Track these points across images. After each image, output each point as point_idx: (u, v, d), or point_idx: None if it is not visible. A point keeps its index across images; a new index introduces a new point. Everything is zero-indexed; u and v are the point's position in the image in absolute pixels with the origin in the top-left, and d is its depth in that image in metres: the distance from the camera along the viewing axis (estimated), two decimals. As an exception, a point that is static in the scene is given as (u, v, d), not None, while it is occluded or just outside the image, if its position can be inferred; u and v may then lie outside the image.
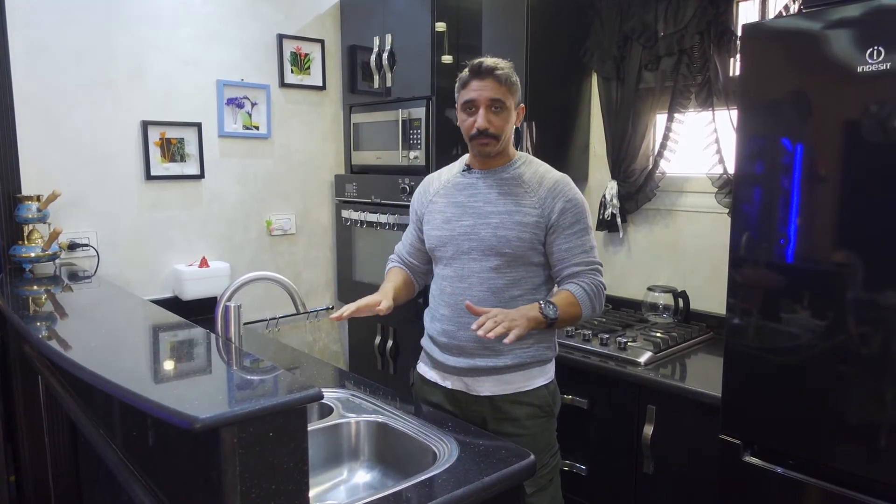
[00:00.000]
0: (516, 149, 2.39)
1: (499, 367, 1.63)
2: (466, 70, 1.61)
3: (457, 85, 1.65)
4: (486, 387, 1.65)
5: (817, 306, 1.51)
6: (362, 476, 1.58)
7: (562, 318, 1.57)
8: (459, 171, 1.74)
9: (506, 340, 1.43)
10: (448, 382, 1.71)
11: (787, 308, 1.56)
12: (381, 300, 1.64)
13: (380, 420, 1.60)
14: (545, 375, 1.69)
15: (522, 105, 1.69)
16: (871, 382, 1.43)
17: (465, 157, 1.76)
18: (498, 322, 1.44)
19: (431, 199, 1.75)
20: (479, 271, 1.63)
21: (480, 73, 1.58)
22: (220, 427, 0.93)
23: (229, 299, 1.48)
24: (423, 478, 1.28)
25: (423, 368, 1.79)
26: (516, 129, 2.42)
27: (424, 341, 1.78)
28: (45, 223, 2.28)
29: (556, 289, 1.69)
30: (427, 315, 1.78)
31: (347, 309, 1.59)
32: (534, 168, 1.68)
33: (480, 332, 1.43)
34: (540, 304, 1.55)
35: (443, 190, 1.73)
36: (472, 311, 1.51)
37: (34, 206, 2.23)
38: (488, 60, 1.59)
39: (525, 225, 1.61)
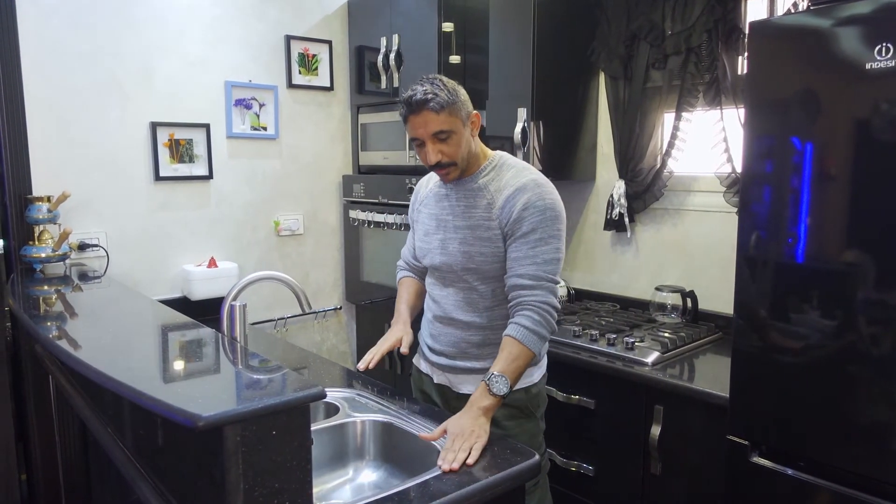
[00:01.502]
0: (522, 147, 2.42)
1: (477, 368, 1.65)
2: (402, 104, 1.54)
3: (401, 118, 1.60)
4: (465, 385, 1.68)
5: (827, 306, 1.49)
6: (368, 475, 1.58)
7: (514, 380, 1.49)
8: (439, 179, 1.69)
9: (469, 462, 1.33)
10: (435, 376, 1.76)
11: (796, 308, 1.55)
12: (402, 336, 1.68)
13: (385, 419, 1.60)
14: (525, 378, 1.62)
15: (475, 112, 1.60)
16: (882, 383, 1.41)
17: None
18: (457, 450, 1.34)
19: (418, 207, 1.78)
20: (455, 282, 1.67)
21: (413, 108, 1.51)
22: (222, 425, 0.93)
23: (235, 298, 1.49)
24: (427, 477, 1.28)
25: (418, 360, 1.85)
26: (523, 129, 2.44)
27: (420, 334, 1.82)
28: (55, 224, 2.30)
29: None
30: (424, 312, 1.83)
31: (374, 359, 1.63)
32: (502, 174, 1.61)
33: (445, 467, 1.31)
34: (487, 386, 1.45)
35: (426, 200, 1.75)
36: (426, 439, 1.45)
37: (44, 206, 2.25)
38: (419, 92, 1.50)
39: (485, 240, 1.58)
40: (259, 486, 0.97)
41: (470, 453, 1.34)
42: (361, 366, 1.61)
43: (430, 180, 1.78)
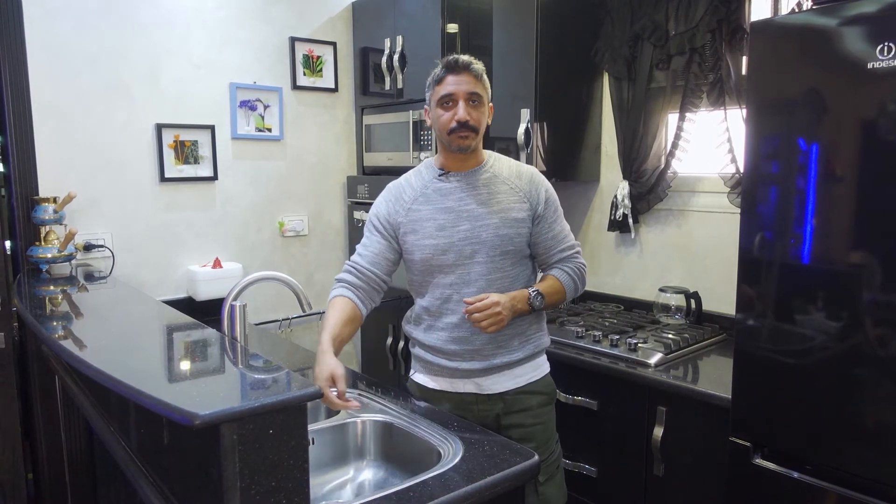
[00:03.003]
0: (525, 148, 2.43)
1: (513, 361, 1.66)
2: (440, 67, 1.61)
3: (429, 82, 1.63)
4: (499, 384, 1.67)
5: (831, 307, 1.48)
6: (368, 475, 1.59)
7: (546, 307, 1.67)
8: (434, 176, 1.68)
9: (483, 324, 1.54)
10: (459, 387, 1.68)
11: (800, 309, 1.54)
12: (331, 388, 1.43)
13: (386, 420, 1.61)
14: (546, 363, 1.77)
15: (491, 104, 1.70)
16: (888, 385, 1.40)
17: (431, 162, 1.71)
18: (485, 312, 1.53)
19: (409, 206, 1.66)
20: (485, 273, 1.62)
21: (457, 67, 1.59)
22: (219, 424, 0.94)
23: (235, 299, 1.50)
24: (426, 477, 1.29)
25: (423, 379, 1.74)
26: (526, 130, 2.44)
27: (421, 353, 1.72)
28: (61, 224, 2.32)
29: (540, 273, 1.76)
30: (418, 327, 1.72)
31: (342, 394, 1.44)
32: (506, 164, 1.71)
33: (470, 307, 1.54)
34: (530, 294, 1.62)
35: (421, 197, 1.66)
36: (470, 302, 1.57)
37: (50, 207, 2.27)
38: (463, 56, 1.60)
39: (520, 221, 1.64)
40: (256, 485, 0.98)
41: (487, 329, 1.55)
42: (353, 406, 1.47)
43: (412, 182, 1.71)
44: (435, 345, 1.68)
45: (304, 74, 2.98)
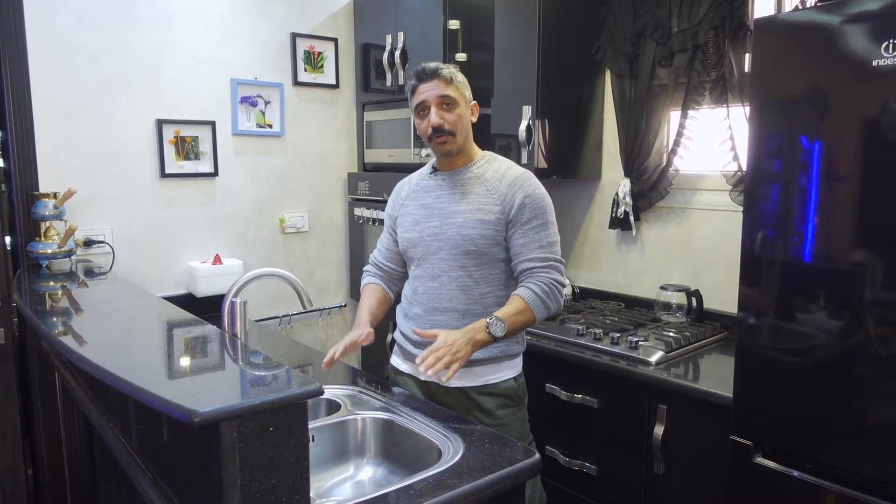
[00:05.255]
0: (527, 145, 2.42)
1: (471, 360, 1.64)
2: (412, 77, 1.67)
3: (407, 95, 1.70)
4: (457, 379, 1.68)
5: (833, 306, 1.48)
6: (368, 473, 1.58)
7: (510, 331, 1.59)
8: (427, 174, 1.79)
9: (444, 379, 1.51)
10: (421, 374, 1.71)
11: (802, 308, 1.53)
12: (362, 333, 1.70)
13: (386, 417, 1.60)
14: (514, 369, 1.75)
15: (475, 102, 1.72)
16: (889, 384, 1.40)
17: (433, 161, 1.81)
18: (439, 357, 1.48)
19: (403, 202, 1.80)
20: (448, 270, 1.68)
21: (424, 75, 1.63)
22: (219, 421, 0.93)
23: (236, 295, 1.49)
24: (426, 475, 1.28)
25: (397, 361, 1.85)
26: (527, 127, 2.44)
27: (397, 336, 1.84)
28: (61, 220, 2.32)
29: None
30: (399, 312, 1.84)
31: (337, 350, 1.65)
32: (496, 165, 1.72)
33: (422, 369, 1.48)
34: (487, 323, 1.56)
35: (412, 193, 1.79)
36: (422, 335, 1.60)
37: (51, 203, 2.27)
38: (431, 63, 1.64)
39: (487, 222, 1.65)
40: (256, 482, 0.97)
41: (448, 370, 1.48)
42: (326, 361, 1.65)
43: (413, 179, 1.84)
44: (404, 331, 1.79)
45: (305, 70, 2.97)
